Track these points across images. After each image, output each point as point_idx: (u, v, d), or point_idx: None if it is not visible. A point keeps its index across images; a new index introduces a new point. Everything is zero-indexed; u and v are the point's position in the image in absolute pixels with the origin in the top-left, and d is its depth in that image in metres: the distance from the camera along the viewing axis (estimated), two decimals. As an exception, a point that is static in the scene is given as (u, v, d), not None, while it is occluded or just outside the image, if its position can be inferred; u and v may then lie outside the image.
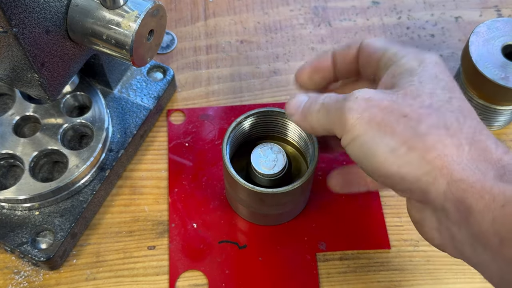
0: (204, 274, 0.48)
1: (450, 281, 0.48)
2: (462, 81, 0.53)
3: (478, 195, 0.32)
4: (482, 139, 0.34)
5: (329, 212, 0.51)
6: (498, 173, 0.33)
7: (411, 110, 0.35)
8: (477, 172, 0.33)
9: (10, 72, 0.41)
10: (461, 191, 0.32)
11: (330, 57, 0.44)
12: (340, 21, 0.62)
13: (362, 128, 0.35)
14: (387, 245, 0.50)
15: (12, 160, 0.49)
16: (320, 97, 0.39)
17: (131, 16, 0.40)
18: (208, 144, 0.54)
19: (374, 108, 0.35)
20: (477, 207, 0.32)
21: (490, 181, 0.32)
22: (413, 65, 0.37)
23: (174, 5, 0.63)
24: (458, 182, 0.33)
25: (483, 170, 0.33)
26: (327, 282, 0.48)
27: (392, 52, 0.39)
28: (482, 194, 0.32)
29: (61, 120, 0.50)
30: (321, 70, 0.44)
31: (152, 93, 0.54)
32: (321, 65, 0.44)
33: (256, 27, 0.62)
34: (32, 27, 0.38)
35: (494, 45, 0.50)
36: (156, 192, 0.52)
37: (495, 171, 0.33)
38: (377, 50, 0.40)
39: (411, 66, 0.37)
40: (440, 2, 0.63)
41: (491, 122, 0.54)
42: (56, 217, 0.47)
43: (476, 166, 0.33)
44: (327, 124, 0.38)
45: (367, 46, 0.41)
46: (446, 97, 0.36)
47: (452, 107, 0.35)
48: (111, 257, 0.49)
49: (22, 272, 0.48)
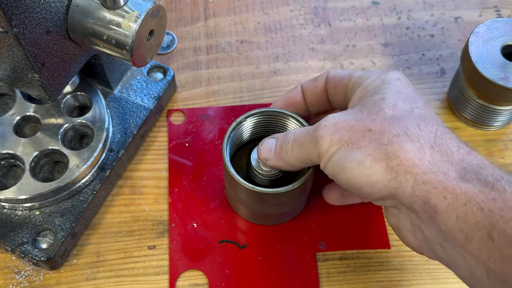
0: (204, 274, 0.48)
1: (450, 280, 0.48)
2: (462, 81, 0.53)
3: (441, 195, 0.34)
4: (444, 142, 0.36)
5: (329, 212, 0.51)
6: (459, 174, 0.35)
7: (374, 124, 0.37)
8: (439, 173, 0.35)
9: (11, 72, 0.41)
10: (425, 193, 0.35)
11: (300, 91, 0.47)
12: (340, 21, 0.62)
13: (334, 149, 0.38)
14: (387, 244, 0.50)
15: (12, 160, 0.50)
16: (288, 135, 0.42)
17: (132, 16, 0.40)
18: (208, 144, 0.54)
19: (341, 130, 0.38)
20: (441, 207, 0.34)
21: (452, 182, 0.34)
22: (377, 84, 0.40)
23: (174, 5, 0.63)
24: (421, 185, 0.35)
25: (445, 171, 0.35)
26: (327, 282, 0.48)
27: (357, 76, 0.43)
28: (444, 194, 0.34)
29: (62, 120, 0.50)
30: (293, 104, 0.47)
31: (152, 93, 0.54)
32: (292, 99, 0.47)
33: (256, 27, 0.62)
34: (32, 28, 0.38)
35: (493, 45, 0.50)
36: (156, 192, 0.52)
37: (456, 172, 0.35)
38: (343, 77, 0.44)
39: (375, 85, 0.40)
40: (440, 2, 0.63)
41: (491, 122, 0.54)
42: (56, 217, 0.47)
43: (438, 168, 0.35)
44: (304, 156, 0.41)
45: (333, 76, 0.45)
46: (408, 107, 0.38)
47: (414, 116, 0.38)
48: (111, 257, 0.49)
49: (22, 272, 0.48)
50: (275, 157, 0.43)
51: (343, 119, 0.39)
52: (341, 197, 0.50)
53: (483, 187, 0.33)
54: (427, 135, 0.37)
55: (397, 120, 0.37)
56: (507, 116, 0.53)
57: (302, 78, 0.58)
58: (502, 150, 0.54)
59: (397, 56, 0.60)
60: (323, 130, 0.39)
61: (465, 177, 0.34)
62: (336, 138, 0.38)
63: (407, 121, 0.37)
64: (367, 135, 0.37)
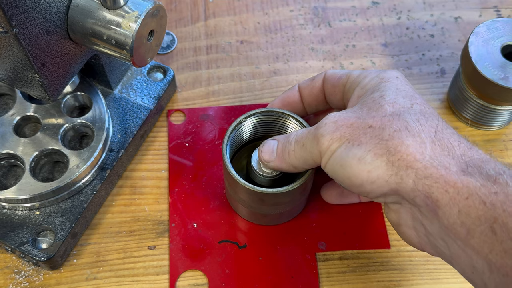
0: (204, 273, 0.48)
1: (450, 280, 0.48)
2: (462, 81, 0.53)
3: (443, 189, 0.34)
4: (445, 137, 0.36)
5: (329, 212, 0.51)
6: (461, 168, 0.35)
7: (375, 121, 0.37)
8: (440, 167, 0.35)
9: (11, 73, 0.41)
10: (426, 187, 0.34)
11: (297, 91, 0.47)
12: (340, 22, 0.62)
13: (335, 147, 0.38)
14: (386, 244, 0.50)
15: (12, 160, 0.50)
16: (290, 136, 0.42)
17: (132, 16, 0.40)
18: (208, 144, 0.54)
19: (342, 127, 0.38)
20: (443, 201, 0.34)
21: (453, 176, 0.34)
22: (376, 83, 0.40)
23: (174, 5, 0.63)
24: (423, 179, 0.35)
25: (446, 165, 0.35)
26: (327, 282, 0.48)
27: (355, 75, 0.43)
28: (446, 188, 0.34)
29: (62, 120, 0.50)
30: (290, 104, 0.47)
31: (153, 93, 0.54)
32: (289, 99, 0.48)
33: (256, 27, 0.62)
34: (32, 28, 0.38)
35: (493, 46, 0.50)
36: (156, 192, 0.52)
37: (458, 166, 0.35)
38: (341, 77, 0.44)
39: (373, 84, 0.41)
40: (440, 2, 0.63)
41: (491, 122, 0.54)
42: (56, 217, 0.47)
43: (439, 162, 0.35)
44: (306, 157, 0.40)
45: (331, 75, 0.45)
46: (408, 103, 0.38)
47: (413, 111, 0.38)
48: (111, 257, 0.49)
49: (22, 272, 0.48)
50: (277, 159, 0.43)
51: (343, 117, 0.39)
52: (339, 196, 0.50)
53: (485, 181, 0.33)
54: (427, 130, 0.36)
55: (397, 116, 0.37)
56: (507, 116, 0.53)
57: (302, 78, 0.58)
58: (502, 150, 0.54)
59: (397, 56, 0.60)
60: (323, 129, 0.39)
61: (467, 171, 0.34)
62: (337, 135, 0.38)
63: (407, 117, 0.37)
64: (368, 132, 0.37)
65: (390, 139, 0.36)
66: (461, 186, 0.33)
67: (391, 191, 0.36)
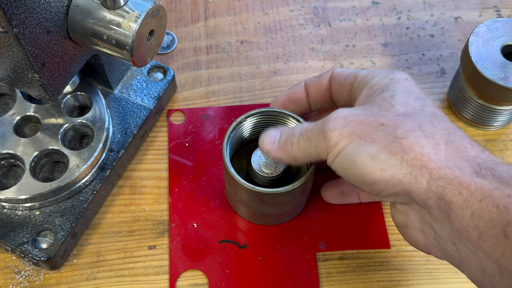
0: (204, 273, 0.48)
1: (450, 280, 0.48)
2: (462, 81, 0.53)
3: (457, 191, 0.33)
4: (457, 139, 0.36)
5: (329, 212, 0.51)
6: (474, 170, 0.34)
7: (387, 120, 0.37)
8: (455, 169, 0.34)
9: (11, 72, 0.41)
10: (440, 188, 0.34)
11: (303, 88, 0.46)
12: (340, 22, 0.62)
13: (345, 142, 0.37)
14: (387, 244, 0.50)
15: (12, 160, 0.50)
16: (295, 129, 0.41)
17: (132, 16, 0.40)
18: (208, 144, 0.54)
19: (352, 123, 0.37)
20: (457, 203, 0.33)
21: (467, 177, 0.34)
22: (385, 83, 0.40)
23: (174, 5, 0.63)
24: (437, 180, 0.34)
25: (460, 167, 0.34)
26: (327, 282, 0.48)
27: (363, 75, 0.42)
28: (460, 190, 0.33)
29: (62, 120, 0.50)
30: (295, 101, 0.47)
31: (153, 93, 0.54)
32: (295, 95, 0.47)
33: (256, 27, 0.62)
34: (32, 27, 0.38)
35: (493, 45, 0.50)
36: (156, 192, 0.52)
37: (471, 168, 0.34)
38: (348, 76, 0.43)
39: (383, 84, 0.40)
40: (440, 2, 0.63)
41: (491, 122, 0.54)
42: (56, 217, 0.47)
43: (454, 163, 0.35)
44: (310, 150, 0.39)
45: (338, 74, 0.44)
46: (419, 105, 0.38)
47: (425, 113, 0.37)
48: (111, 257, 0.49)
49: (22, 271, 0.48)
50: (278, 150, 0.42)
51: (353, 113, 0.38)
52: (340, 196, 0.50)
53: (498, 183, 0.33)
54: (441, 132, 0.36)
55: (409, 116, 0.37)
56: (507, 116, 0.53)
57: (302, 78, 0.58)
58: (502, 150, 0.54)
59: (397, 56, 0.60)
60: (332, 123, 0.38)
61: (480, 173, 0.34)
62: (347, 131, 0.37)
63: (420, 118, 0.37)
64: (380, 129, 0.36)
65: (405, 138, 0.35)
66: (475, 188, 0.33)
67: (403, 191, 0.36)
